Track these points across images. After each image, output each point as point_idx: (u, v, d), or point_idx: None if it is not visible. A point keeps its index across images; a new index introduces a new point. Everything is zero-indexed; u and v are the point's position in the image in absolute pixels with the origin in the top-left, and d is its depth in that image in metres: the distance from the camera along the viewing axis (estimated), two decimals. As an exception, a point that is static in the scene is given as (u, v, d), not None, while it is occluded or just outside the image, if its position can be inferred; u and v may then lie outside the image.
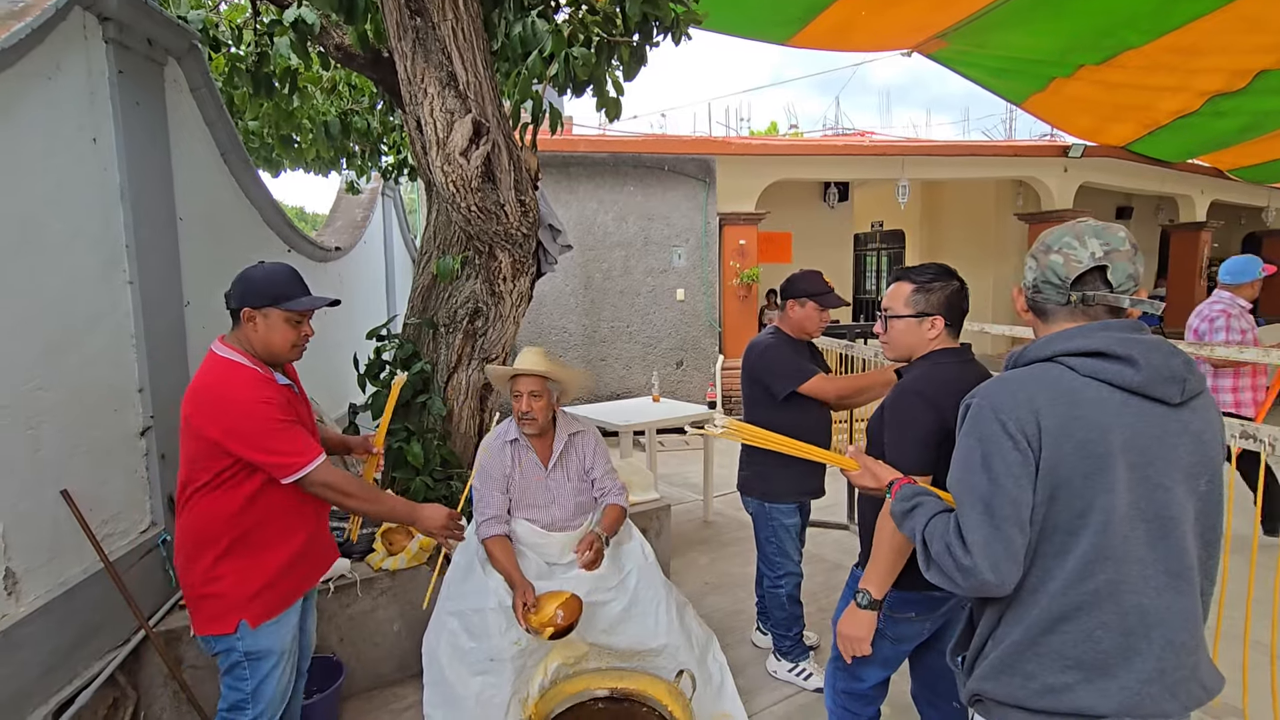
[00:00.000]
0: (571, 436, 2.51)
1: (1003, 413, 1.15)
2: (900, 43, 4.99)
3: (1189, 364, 1.16)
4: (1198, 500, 1.16)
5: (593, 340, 7.22)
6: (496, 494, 2.41)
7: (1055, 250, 1.22)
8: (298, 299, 1.85)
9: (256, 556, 1.83)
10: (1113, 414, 1.12)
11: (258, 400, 1.74)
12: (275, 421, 1.74)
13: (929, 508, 1.28)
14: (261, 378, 1.80)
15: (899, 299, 1.76)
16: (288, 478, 1.75)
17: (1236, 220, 12.91)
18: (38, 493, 2.00)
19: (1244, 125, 6.14)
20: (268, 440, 1.73)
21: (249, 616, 1.81)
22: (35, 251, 2.01)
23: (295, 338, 1.88)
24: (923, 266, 1.79)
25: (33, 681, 1.94)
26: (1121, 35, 4.42)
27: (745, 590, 3.55)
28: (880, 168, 8.16)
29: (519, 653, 2.22)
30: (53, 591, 2.03)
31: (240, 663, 1.83)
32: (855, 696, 1.83)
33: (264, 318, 1.82)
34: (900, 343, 1.77)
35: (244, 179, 3.38)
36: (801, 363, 2.61)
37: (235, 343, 1.85)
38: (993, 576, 1.13)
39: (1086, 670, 1.13)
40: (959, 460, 1.21)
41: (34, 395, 1.99)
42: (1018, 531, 1.13)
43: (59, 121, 2.13)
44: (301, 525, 1.91)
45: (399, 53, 2.66)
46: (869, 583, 1.64)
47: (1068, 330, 1.20)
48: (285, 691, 1.94)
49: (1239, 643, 2.46)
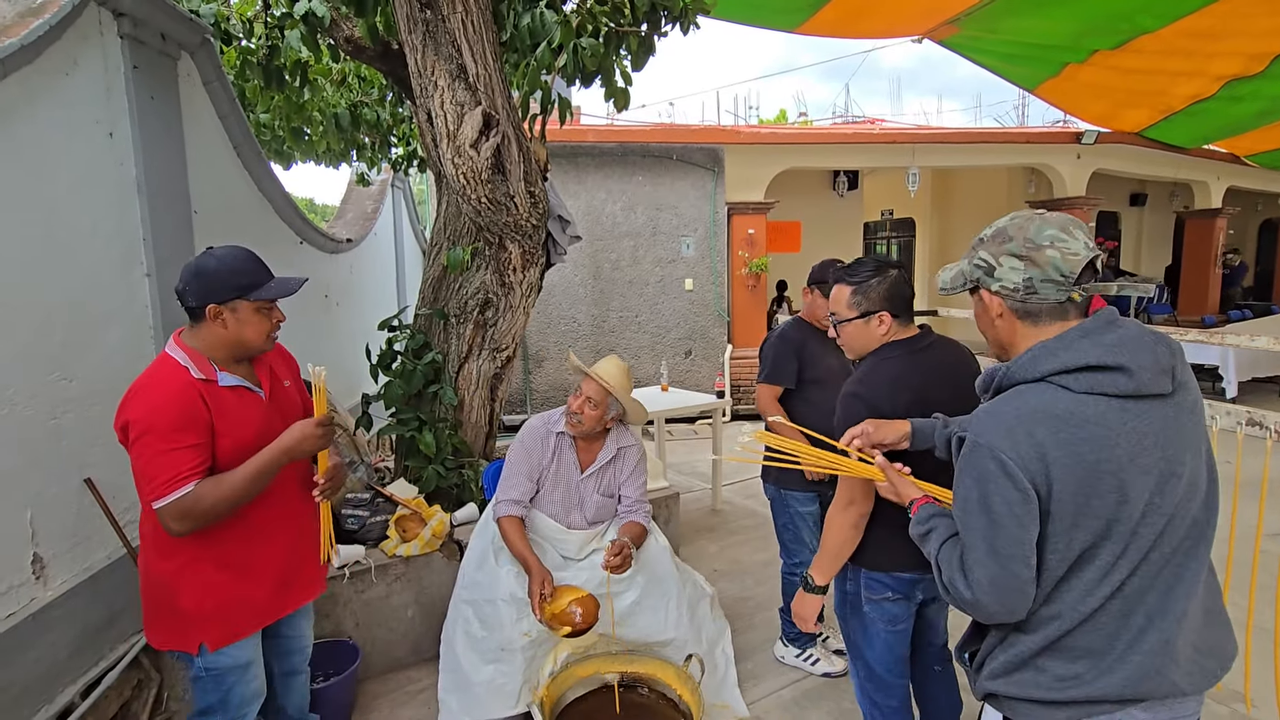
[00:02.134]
0: (619, 451, 2.47)
1: (1000, 451, 1.11)
2: (911, 29, 4.94)
3: (1170, 348, 1.14)
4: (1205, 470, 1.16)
5: (602, 330, 7.24)
6: (524, 480, 2.38)
7: (1050, 246, 1.16)
8: (266, 285, 1.68)
9: (217, 575, 1.69)
10: (1115, 425, 1.09)
11: (159, 409, 1.55)
12: (159, 441, 1.53)
13: (942, 532, 1.27)
14: (189, 382, 1.61)
15: (841, 303, 1.77)
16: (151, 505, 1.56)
17: (1253, 206, 12.70)
18: (62, 481, 2.06)
19: (1261, 110, 6.05)
20: (142, 457, 1.54)
21: (208, 639, 1.69)
22: (56, 245, 2.06)
23: (268, 327, 1.72)
24: (857, 264, 1.79)
25: (62, 662, 2.00)
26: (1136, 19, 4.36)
27: (753, 577, 3.59)
28: (890, 156, 8.10)
29: (529, 643, 2.27)
30: (78, 576, 2.10)
31: (202, 677, 1.74)
32: (875, 683, 1.87)
33: (232, 313, 1.64)
34: (855, 345, 1.80)
35: (257, 171, 3.42)
36: (782, 363, 2.63)
37: (191, 340, 1.67)
38: (1000, 610, 1.14)
39: (1096, 658, 1.13)
40: (958, 498, 1.19)
41: (57, 386, 2.04)
42: (1024, 567, 1.12)
43: (77, 116, 2.17)
44: (269, 543, 1.77)
45: (409, 45, 2.68)
46: (815, 569, 1.73)
47: (1047, 345, 1.15)
48: (259, 691, 1.84)
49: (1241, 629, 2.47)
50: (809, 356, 2.63)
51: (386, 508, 2.88)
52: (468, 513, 3.02)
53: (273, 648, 1.96)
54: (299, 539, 1.88)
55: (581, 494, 2.43)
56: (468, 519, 2.99)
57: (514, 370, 3.45)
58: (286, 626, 1.96)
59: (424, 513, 2.85)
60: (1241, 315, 10.08)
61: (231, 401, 1.68)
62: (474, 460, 3.23)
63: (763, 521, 3.00)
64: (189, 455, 1.56)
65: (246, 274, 1.66)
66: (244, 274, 1.66)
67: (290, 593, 1.87)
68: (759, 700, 2.59)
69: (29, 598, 1.93)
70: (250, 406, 1.72)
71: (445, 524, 2.85)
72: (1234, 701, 2.48)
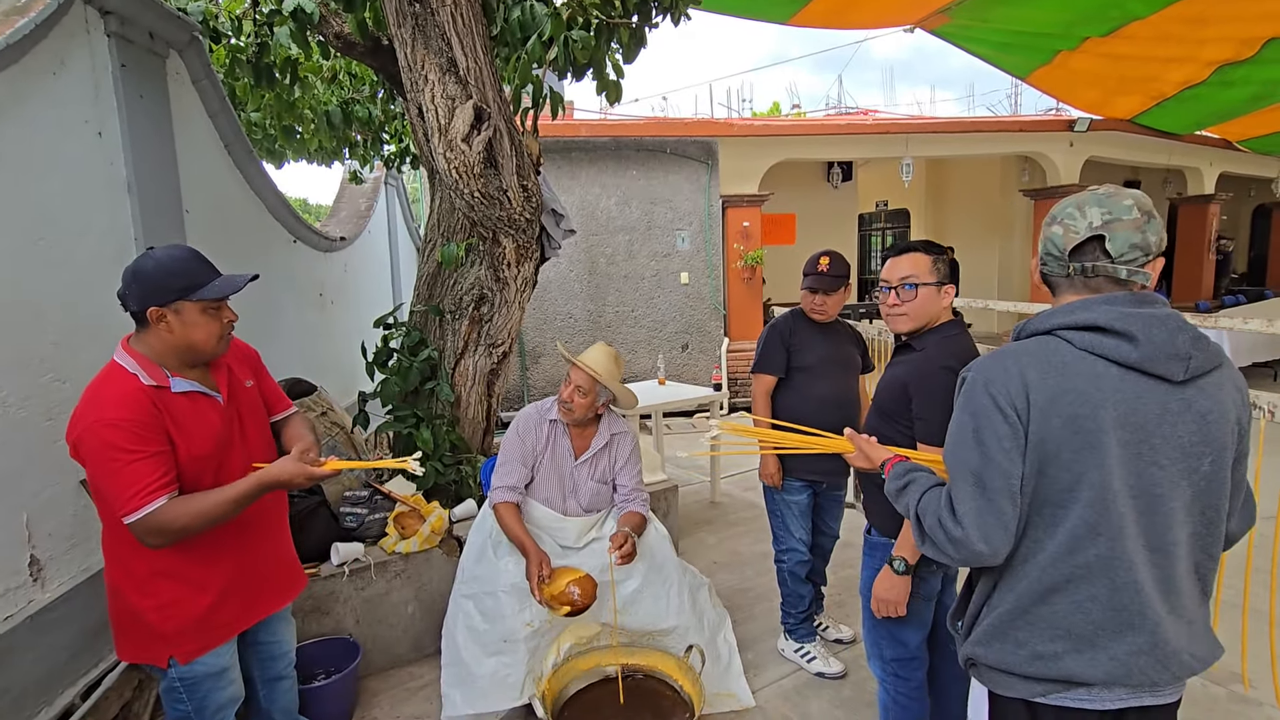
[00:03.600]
0: (613, 437, 2.49)
1: (993, 386, 1.16)
2: (902, 19, 4.93)
3: (1198, 340, 1.13)
4: (1199, 479, 1.14)
5: (598, 325, 7.23)
6: (519, 466, 2.39)
7: (1057, 221, 1.21)
8: (209, 284, 1.59)
9: (184, 586, 1.62)
10: (1108, 389, 1.11)
11: (111, 422, 1.47)
12: (118, 453, 1.46)
13: (921, 484, 1.30)
14: (140, 389, 1.53)
15: (923, 267, 1.81)
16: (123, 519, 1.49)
17: (1245, 192, 12.75)
18: (58, 482, 2.05)
19: (1253, 95, 6.04)
20: (100, 472, 1.48)
21: (179, 653, 1.63)
22: (47, 246, 2.05)
23: (218, 329, 1.63)
24: (926, 242, 1.87)
25: (61, 664, 2.00)
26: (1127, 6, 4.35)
27: (752, 569, 3.60)
28: (884, 146, 8.09)
29: (532, 633, 2.27)
30: (76, 578, 2.09)
31: (175, 688, 1.67)
32: (905, 661, 1.89)
33: (175, 314, 1.56)
34: (923, 311, 1.82)
35: (248, 170, 3.40)
36: (771, 353, 2.65)
37: (139, 345, 1.59)
38: (984, 546, 1.15)
39: (1075, 640, 1.14)
40: (953, 434, 1.23)
41: (51, 387, 2.03)
42: (1009, 503, 1.14)
43: (65, 116, 2.15)
44: (236, 552, 1.71)
45: (399, 40, 2.67)
46: (903, 549, 1.74)
47: (1069, 304, 1.19)
48: (235, 696, 1.77)
49: (1238, 610, 2.49)
50: (798, 345, 2.64)
51: (385, 505, 2.87)
52: (466, 509, 3.02)
53: (253, 655, 1.90)
54: (267, 544, 1.82)
55: (576, 480, 2.45)
56: (466, 515, 2.99)
57: (510, 366, 3.45)
58: (264, 633, 1.89)
59: (422, 509, 2.85)
60: (1236, 301, 10.12)
61: (186, 409, 1.60)
62: (472, 456, 3.23)
63: (761, 513, 3.01)
64: (152, 465, 1.49)
65: (186, 274, 1.57)
66: (183, 274, 1.57)
67: (261, 599, 1.81)
68: (760, 690, 2.60)
69: (26, 600, 1.92)
70: (207, 412, 1.64)
71: (444, 520, 2.85)
72: (1231, 682, 2.50)
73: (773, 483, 2.66)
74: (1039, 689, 1.18)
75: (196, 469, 1.59)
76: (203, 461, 1.60)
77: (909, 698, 1.90)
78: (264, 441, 1.83)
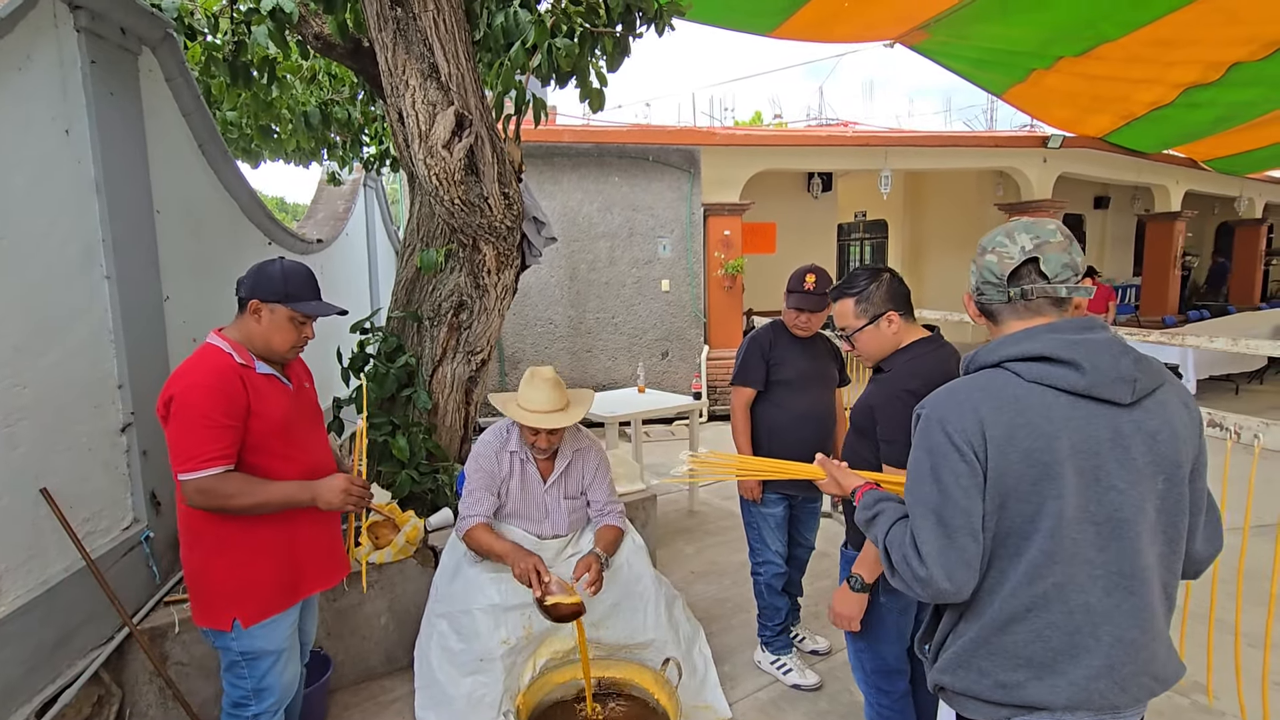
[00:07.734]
0: (576, 453, 2.46)
1: (948, 424, 1.16)
2: (882, 34, 5.00)
3: (1140, 362, 1.15)
4: (1156, 499, 1.15)
5: (578, 331, 7.21)
6: (487, 496, 2.36)
7: (990, 250, 1.24)
8: (308, 301, 1.86)
9: (246, 552, 1.82)
10: (1060, 419, 1.12)
11: (202, 386, 1.70)
12: (199, 416, 1.69)
13: (889, 515, 1.30)
14: (232, 366, 1.78)
15: (848, 315, 1.83)
16: (178, 475, 1.70)
17: (1210, 210, 13.14)
18: (17, 491, 1.98)
19: (1218, 116, 6.23)
20: (177, 429, 1.69)
21: (241, 616, 1.81)
22: (10, 246, 1.98)
23: (296, 339, 1.88)
24: (852, 277, 1.87)
25: (16, 680, 1.92)
26: (1100, 27, 4.46)
27: (730, 579, 3.60)
28: (863, 158, 8.20)
29: (508, 651, 2.24)
30: (34, 591, 2.02)
31: (237, 662, 1.84)
32: (885, 673, 1.89)
33: (270, 312, 1.82)
34: (871, 350, 1.84)
35: (222, 170, 3.33)
36: (750, 365, 2.65)
37: (231, 332, 1.84)
38: (949, 585, 1.15)
39: (1036, 668, 1.15)
40: (911, 471, 1.22)
41: (11, 393, 1.96)
42: (970, 540, 1.14)
43: (31, 113, 2.09)
44: (297, 524, 1.89)
45: (379, 44, 2.63)
46: (861, 568, 1.74)
47: (1014, 334, 1.20)
48: (291, 685, 1.94)
49: (1204, 622, 2.54)
50: (778, 358, 2.64)
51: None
52: (442, 518, 2.98)
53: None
54: (322, 525, 1.99)
55: (548, 505, 2.42)
56: (442, 524, 2.95)
57: (489, 373, 3.41)
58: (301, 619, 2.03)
59: (397, 519, 2.80)
60: (1200, 315, 10.41)
61: (264, 386, 1.85)
62: (449, 465, 3.19)
63: (740, 523, 3.02)
64: (220, 435, 1.70)
65: (296, 286, 1.84)
66: (295, 285, 1.84)
67: (316, 574, 1.98)
68: (737, 701, 2.59)
69: (-20, 614, 1.85)
70: (281, 394, 1.90)
71: (419, 530, 2.81)
72: (1196, 693, 2.55)
73: (752, 496, 2.66)
74: (1004, 713, 1.19)
75: (265, 439, 1.82)
76: (272, 433, 1.84)
77: (892, 710, 1.91)
78: (323, 432, 2.10)
